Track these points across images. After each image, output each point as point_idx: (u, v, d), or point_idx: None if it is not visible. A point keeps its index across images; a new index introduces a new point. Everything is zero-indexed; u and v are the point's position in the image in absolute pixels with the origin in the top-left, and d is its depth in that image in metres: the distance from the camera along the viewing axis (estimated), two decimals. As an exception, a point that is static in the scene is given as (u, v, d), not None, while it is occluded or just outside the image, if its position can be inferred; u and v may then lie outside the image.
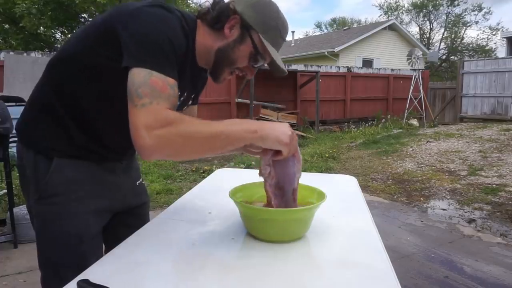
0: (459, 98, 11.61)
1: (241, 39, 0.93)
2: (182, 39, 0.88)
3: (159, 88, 0.79)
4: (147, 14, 0.83)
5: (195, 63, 0.98)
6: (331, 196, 1.02)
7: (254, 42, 0.93)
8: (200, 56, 0.97)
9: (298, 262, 0.85)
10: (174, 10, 0.90)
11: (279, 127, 0.87)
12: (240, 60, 0.95)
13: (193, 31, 0.94)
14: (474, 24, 34.36)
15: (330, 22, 39.77)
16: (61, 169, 0.95)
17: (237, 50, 0.94)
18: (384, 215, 3.75)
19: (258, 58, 0.95)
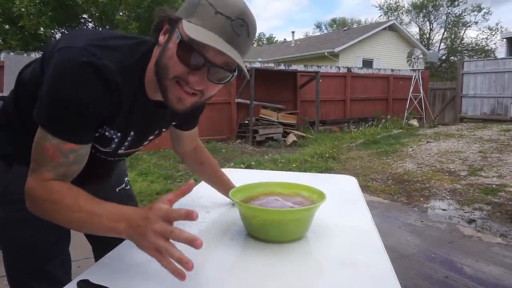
0: (459, 99, 11.61)
1: (169, 38, 0.74)
2: (104, 91, 0.74)
3: (49, 156, 0.75)
4: (63, 69, 0.72)
5: (145, 96, 0.84)
6: (331, 196, 1.02)
7: (178, 32, 0.71)
8: (151, 88, 0.82)
9: (298, 262, 0.85)
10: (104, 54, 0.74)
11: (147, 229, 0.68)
12: (171, 63, 0.73)
13: (143, 59, 0.81)
14: (474, 24, 34.34)
15: (330, 22, 39.84)
16: (20, 175, 0.87)
17: (166, 51, 0.74)
18: (384, 215, 3.75)
19: (187, 51, 0.71)
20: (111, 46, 0.77)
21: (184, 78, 0.73)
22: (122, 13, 15.09)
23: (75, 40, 0.75)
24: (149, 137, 0.98)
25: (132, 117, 0.85)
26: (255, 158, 6.36)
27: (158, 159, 6.09)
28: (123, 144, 0.91)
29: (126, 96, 0.79)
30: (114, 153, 0.94)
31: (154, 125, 0.95)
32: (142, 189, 4.31)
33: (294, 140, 8.06)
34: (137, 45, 0.81)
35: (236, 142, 8.43)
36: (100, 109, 0.76)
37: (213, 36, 0.69)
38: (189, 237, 0.67)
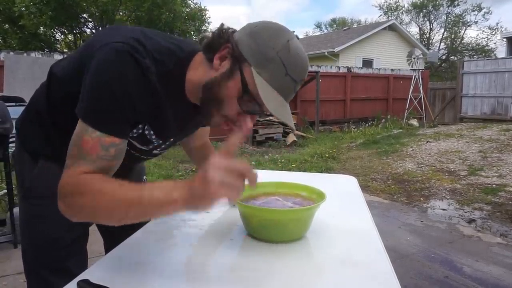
0: (459, 98, 11.61)
1: (230, 74, 0.73)
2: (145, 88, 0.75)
3: (88, 149, 0.72)
4: (107, 61, 0.72)
5: (184, 101, 0.84)
6: (331, 196, 1.02)
7: (244, 77, 0.71)
8: (190, 92, 0.83)
9: (298, 262, 0.85)
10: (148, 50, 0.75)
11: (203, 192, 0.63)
12: (228, 101, 0.74)
13: (182, 65, 0.80)
14: (474, 24, 34.33)
15: (330, 22, 39.79)
16: (46, 171, 0.93)
17: (225, 88, 0.73)
18: (384, 215, 3.75)
19: (248, 99, 0.73)
20: (153, 45, 0.77)
21: (234, 118, 0.77)
22: (122, 13, 15.08)
23: (116, 36, 0.75)
24: (183, 139, 1.03)
25: (174, 123, 0.87)
26: (255, 158, 6.36)
27: (158, 159, 6.09)
28: (160, 147, 0.93)
29: (167, 101, 0.80)
30: (149, 153, 0.95)
31: (191, 128, 0.99)
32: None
33: (294, 140, 8.06)
34: (178, 49, 0.81)
35: (236, 142, 8.43)
36: (140, 103, 0.75)
37: (277, 97, 0.72)
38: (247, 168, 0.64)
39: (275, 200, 1.07)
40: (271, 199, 1.08)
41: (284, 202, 1.05)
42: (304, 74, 0.75)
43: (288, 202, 1.06)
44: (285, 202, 1.05)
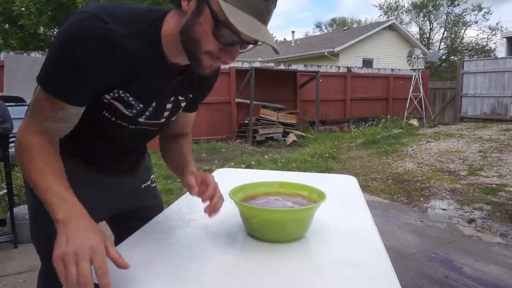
0: (459, 98, 11.61)
1: (198, 11, 0.71)
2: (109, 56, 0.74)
3: (41, 108, 0.79)
4: (69, 28, 0.73)
5: (163, 61, 0.82)
6: (331, 196, 1.02)
7: (212, 10, 0.69)
8: (172, 51, 0.81)
9: (298, 262, 0.85)
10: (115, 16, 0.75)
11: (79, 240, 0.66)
12: (204, 39, 0.73)
13: (155, 25, 0.79)
14: (474, 24, 34.37)
15: (330, 22, 39.81)
16: None
17: (197, 26, 0.72)
18: (384, 215, 3.75)
19: (222, 31, 0.71)
20: (122, 11, 0.77)
21: (216, 53, 0.75)
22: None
23: (87, 7, 0.76)
24: (167, 105, 0.94)
25: (153, 85, 0.85)
26: (255, 158, 6.36)
27: (158, 159, 6.07)
28: (144, 113, 0.90)
29: (142, 62, 0.79)
30: (134, 120, 0.91)
31: (172, 90, 0.92)
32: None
33: (294, 140, 8.06)
34: (152, 12, 0.81)
35: (236, 142, 8.43)
36: (105, 69, 0.75)
37: (250, 20, 0.69)
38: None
39: (275, 200, 1.07)
40: (271, 199, 1.08)
41: (284, 202, 1.05)
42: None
43: (288, 202, 1.06)
44: (285, 202, 1.05)
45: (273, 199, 1.08)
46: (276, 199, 1.08)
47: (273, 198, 1.08)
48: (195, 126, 8.20)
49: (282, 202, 1.06)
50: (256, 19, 0.70)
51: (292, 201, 1.06)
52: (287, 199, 1.07)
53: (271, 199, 1.08)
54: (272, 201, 1.06)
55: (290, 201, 1.06)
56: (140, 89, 0.84)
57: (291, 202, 1.05)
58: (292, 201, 1.06)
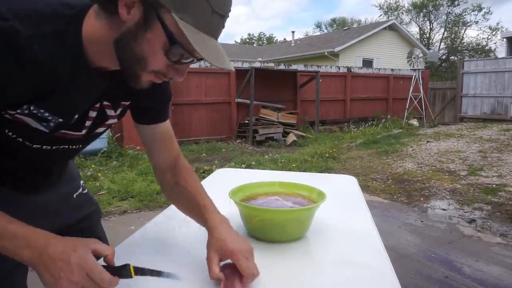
0: (459, 98, 11.62)
1: (145, 24, 0.60)
2: (14, 64, 0.58)
3: None
4: None
5: (84, 66, 0.67)
6: (331, 196, 1.02)
7: (166, 27, 0.59)
8: (96, 56, 0.67)
9: (298, 262, 0.85)
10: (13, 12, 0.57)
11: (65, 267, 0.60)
12: (152, 57, 0.62)
13: (73, 23, 0.63)
14: (474, 24, 34.38)
15: (330, 22, 39.81)
16: None
17: (143, 41, 0.61)
18: (384, 215, 3.75)
19: (178, 51, 0.62)
20: (27, 3, 0.60)
21: (163, 71, 0.65)
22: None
23: None
24: (90, 113, 0.77)
25: (74, 96, 0.69)
26: (255, 158, 6.36)
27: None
28: (63, 128, 0.75)
29: (59, 70, 0.63)
30: (48, 137, 0.74)
31: (95, 97, 0.76)
32: (141, 189, 4.31)
33: (294, 140, 8.06)
34: (64, 6, 0.63)
35: (236, 142, 8.43)
36: (5, 86, 0.59)
37: (210, 41, 0.63)
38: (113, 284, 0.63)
39: (275, 200, 1.07)
40: (271, 199, 1.08)
41: (284, 202, 1.05)
42: (230, 5, 0.64)
43: (288, 202, 1.06)
44: (285, 202, 1.05)
45: (273, 199, 1.08)
46: (276, 199, 1.08)
47: (273, 198, 1.08)
48: (195, 126, 8.21)
49: (282, 202, 1.06)
50: (214, 38, 0.64)
51: (292, 201, 1.06)
52: (287, 199, 1.07)
53: (271, 199, 1.08)
54: (272, 201, 1.06)
55: (290, 201, 1.06)
56: (56, 101, 0.67)
57: (291, 202, 1.06)
58: (292, 201, 1.06)
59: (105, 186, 4.41)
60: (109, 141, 6.09)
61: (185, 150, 7.21)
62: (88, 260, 0.61)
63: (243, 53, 21.18)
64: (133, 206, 3.88)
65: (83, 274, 0.60)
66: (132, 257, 0.86)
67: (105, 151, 6.00)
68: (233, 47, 24.71)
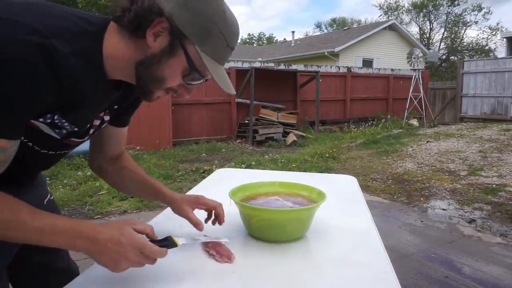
0: (459, 98, 11.61)
1: (170, 51, 0.69)
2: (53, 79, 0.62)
3: None
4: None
5: (102, 80, 0.73)
6: (331, 196, 1.02)
7: (189, 56, 0.69)
8: (114, 73, 0.73)
9: (298, 262, 0.85)
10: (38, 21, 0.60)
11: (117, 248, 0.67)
12: (170, 78, 0.72)
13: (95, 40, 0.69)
14: (474, 24, 34.40)
15: (330, 22, 39.84)
16: None
17: (166, 65, 0.70)
18: (384, 215, 3.74)
19: (195, 76, 0.73)
20: (54, 20, 0.64)
21: (176, 89, 0.76)
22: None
23: (3, 12, 0.59)
24: (95, 122, 0.83)
25: (92, 108, 0.77)
26: (255, 158, 6.36)
27: (158, 159, 6.08)
28: (74, 136, 0.79)
29: (83, 85, 0.68)
30: (56, 142, 0.77)
31: (105, 107, 0.82)
32: (142, 189, 4.30)
33: (294, 140, 8.06)
34: (87, 23, 0.69)
35: (236, 142, 8.43)
36: (44, 95, 0.63)
37: (220, 69, 0.74)
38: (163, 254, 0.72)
39: (275, 200, 1.07)
40: (271, 199, 1.08)
41: (284, 202, 1.05)
42: (237, 39, 0.76)
43: (288, 202, 1.06)
44: (285, 202, 1.05)
45: (273, 199, 1.08)
46: (276, 199, 1.08)
47: (273, 198, 1.08)
48: (195, 126, 8.21)
49: (282, 202, 1.06)
50: (223, 66, 0.75)
51: (292, 201, 1.06)
52: (287, 199, 1.07)
53: (271, 199, 1.08)
54: (272, 201, 1.06)
55: (290, 201, 1.06)
56: (77, 113, 0.73)
57: (291, 202, 1.06)
58: (292, 201, 1.06)
59: (105, 186, 4.41)
60: (109, 141, 6.09)
61: (185, 150, 7.21)
62: (137, 238, 0.68)
63: (243, 53, 21.18)
64: (133, 206, 3.88)
65: (137, 252, 0.67)
66: (132, 257, 0.86)
67: (105, 151, 6.00)
68: (233, 47, 24.66)
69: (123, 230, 0.68)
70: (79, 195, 4.13)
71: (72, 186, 4.54)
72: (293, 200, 1.07)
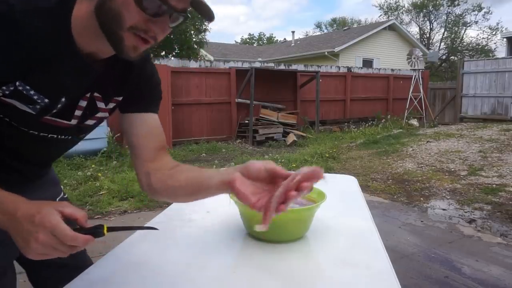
0: (459, 98, 11.61)
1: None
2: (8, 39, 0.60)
3: None
4: None
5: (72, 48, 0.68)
6: (331, 196, 1.02)
7: None
8: (85, 38, 0.68)
9: (298, 262, 0.85)
10: None
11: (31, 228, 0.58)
12: (126, 11, 0.62)
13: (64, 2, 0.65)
14: (474, 24, 34.38)
15: (330, 22, 39.82)
16: None
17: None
18: (384, 215, 3.74)
19: (152, 2, 0.62)
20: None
21: (142, 27, 0.64)
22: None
23: None
24: (80, 103, 0.77)
25: (60, 76, 0.70)
26: (255, 158, 6.36)
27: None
28: (50, 110, 0.73)
29: (47, 47, 0.64)
30: (36, 120, 0.74)
31: (85, 85, 0.75)
32: (142, 189, 4.30)
33: (294, 140, 8.06)
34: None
35: (236, 142, 8.43)
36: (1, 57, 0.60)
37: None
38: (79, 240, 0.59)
39: None
40: None
41: None
42: None
43: None
44: None
45: None
46: None
47: None
48: (195, 126, 8.22)
49: None
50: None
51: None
52: (287, 199, 1.07)
53: None
54: None
55: (290, 201, 1.06)
56: (43, 79, 0.68)
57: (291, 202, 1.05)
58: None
59: (105, 186, 4.41)
60: (109, 141, 6.09)
61: (185, 150, 7.21)
62: (51, 219, 0.58)
63: (243, 53, 21.18)
64: (133, 206, 3.88)
65: (47, 233, 0.58)
66: (132, 257, 0.86)
67: (105, 151, 6.01)
68: (233, 47, 24.71)
69: (41, 209, 0.59)
70: (79, 195, 4.13)
71: (72, 186, 4.54)
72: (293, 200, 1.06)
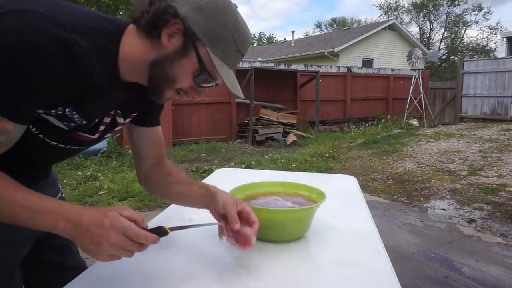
0: (459, 98, 11.61)
1: (183, 52, 0.72)
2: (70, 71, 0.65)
3: None
4: (23, 36, 0.59)
5: (116, 80, 0.75)
6: (331, 196, 1.02)
7: (200, 57, 0.72)
8: (128, 73, 0.76)
9: (298, 262, 0.85)
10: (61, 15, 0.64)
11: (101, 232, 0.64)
12: (181, 78, 0.74)
13: (114, 40, 0.73)
14: (474, 24, 34.40)
15: (330, 22, 39.82)
16: None
17: (178, 65, 0.72)
18: (384, 215, 3.74)
19: (205, 77, 0.75)
20: (77, 17, 0.68)
21: (186, 90, 0.77)
22: (122, 13, 15.16)
23: (30, 2, 0.62)
24: (105, 119, 0.85)
25: (102, 103, 0.78)
26: (255, 158, 6.36)
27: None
28: (82, 129, 0.80)
29: (98, 80, 0.71)
30: (65, 135, 0.79)
31: (113, 105, 0.84)
32: (141, 189, 4.27)
33: (294, 140, 8.06)
34: (108, 23, 0.73)
35: (236, 142, 8.43)
36: (59, 86, 0.65)
37: (230, 72, 0.76)
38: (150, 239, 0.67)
39: (275, 200, 1.07)
40: (271, 199, 1.08)
41: (284, 202, 1.05)
42: (248, 45, 0.79)
43: (288, 202, 1.06)
44: (285, 202, 1.05)
45: (273, 199, 1.08)
46: (276, 199, 1.08)
47: (273, 198, 1.08)
48: (195, 126, 8.21)
49: (282, 202, 1.06)
50: (232, 70, 0.78)
51: (292, 201, 1.06)
52: (287, 199, 1.07)
53: (271, 199, 1.08)
54: (272, 201, 1.06)
55: (290, 201, 1.06)
56: (88, 107, 0.76)
57: (291, 202, 1.06)
58: (292, 201, 1.06)
59: (105, 186, 4.41)
60: (109, 141, 6.09)
61: (185, 150, 7.21)
62: (121, 220, 0.65)
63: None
64: (133, 206, 3.88)
65: (119, 234, 0.64)
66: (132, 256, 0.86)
67: (105, 151, 6.00)
68: (233, 47, 24.66)
69: (107, 213, 0.65)
70: (79, 195, 4.13)
71: (72, 186, 4.54)
72: (293, 200, 1.06)
